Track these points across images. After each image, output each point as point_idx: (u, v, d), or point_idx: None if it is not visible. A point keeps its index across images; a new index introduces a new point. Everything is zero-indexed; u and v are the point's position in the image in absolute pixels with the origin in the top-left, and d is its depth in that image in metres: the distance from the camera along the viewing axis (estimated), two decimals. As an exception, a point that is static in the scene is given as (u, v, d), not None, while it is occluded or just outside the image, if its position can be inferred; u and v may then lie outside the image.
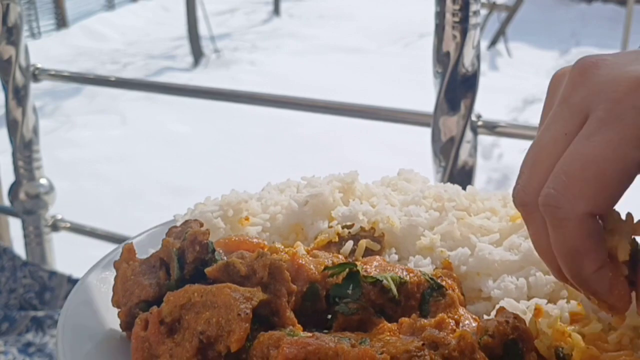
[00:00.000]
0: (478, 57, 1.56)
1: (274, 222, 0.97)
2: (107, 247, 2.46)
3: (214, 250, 0.78)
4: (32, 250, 2.38)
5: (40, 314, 1.91)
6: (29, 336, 1.85)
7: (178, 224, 0.88)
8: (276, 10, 13.29)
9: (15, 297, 2.03)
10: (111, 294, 0.82)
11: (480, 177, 5.53)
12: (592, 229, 0.66)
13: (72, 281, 2.02)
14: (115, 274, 0.82)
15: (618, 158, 0.63)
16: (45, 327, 1.87)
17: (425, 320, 0.70)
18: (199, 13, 9.89)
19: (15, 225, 2.64)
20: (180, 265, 0.77)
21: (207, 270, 0.75)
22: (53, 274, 2.06)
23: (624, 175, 0.63)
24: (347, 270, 0.75)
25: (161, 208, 5.37)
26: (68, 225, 2.42)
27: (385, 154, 6.23)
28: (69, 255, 2.79)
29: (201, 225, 0.83)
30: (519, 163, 0.79)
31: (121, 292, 0.79)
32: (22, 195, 2.31)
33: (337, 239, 0.90)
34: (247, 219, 0.97)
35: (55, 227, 2.40)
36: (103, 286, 0.88)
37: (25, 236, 2.38)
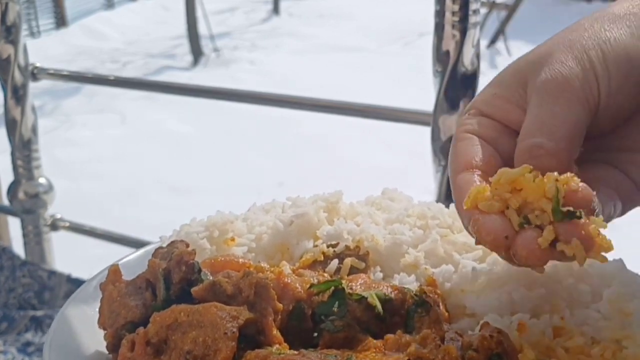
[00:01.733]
0: (478, 56, 1.56)
1: (260, 242, 0.97)
2: (107, 247, 2.46)
3: (200, 270, 0.78)
4: (31, 249, 2.38)
5: (39, 313, 1.91)
6: (28, 335, 1.85)
7: (164, 245, 0.88)
8: (276, 9, 13.29)
9: (15, 297, 2.03)
10: (97, 316, 0.81)
11: (479, 176, 5.51)
12: (462, 139, 0.79)
13: (71, 280, 2.02)
14: (101, 295, 0.82)
15: None
16: (45, 327, 1.87)
17: (410, 337, 0.70)
18: (199, 12, 9.90)
19: (14, 225, 2.64)
20: (166, 286, 0.77)
21: (194, 289, 0.75)
22: (52, 273, 2.06)
23: None
24: (332, 287, 0.76)
25: (160, 207, 5.38)
26: (67, 224, 2.42)
27: (385, 153, 6.23)
28: (68, 255, 2.78)
29: (187, 245, 0.83)
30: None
31: (107, 313, 0.79)
32: (21, 195, 2.30)
33: (322, 258, 0.91)
34: (232, 239, 0.97)
35: (54, 226, 2.40)
36: (90, 308, 0.87)
37: (25, 235, 2.38)
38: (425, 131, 1.66)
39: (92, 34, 11.93)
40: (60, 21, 12.61)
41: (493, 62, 9.24)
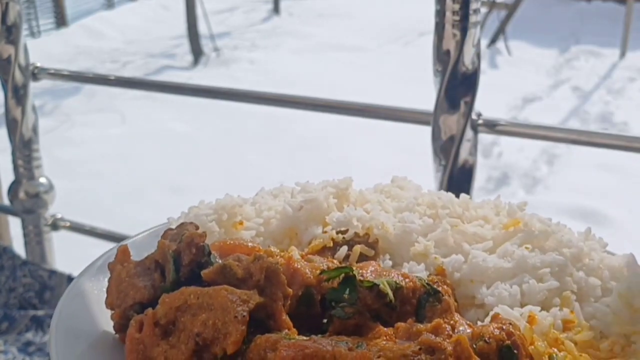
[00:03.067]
0: (478, 55, 1.56)
1: (268, 227, 0.97)
2: (107, 246, 2.45)
3: (210, 253, 0.77)
4: (32, 249, 2.38)
5: (40, 313, 1.91)
6: (29, 335, 1.85)
7: (172, 226, 0.87)
8: (276, 9, 13.28)
9: (15, 297, 2.03)
10: (105, 295, 0.81)
11: (480, 176, 5.53)
12: None
13: (71, 280, 2.02)
14: (109, 275, 0.82)
15: None
16: (45, 326, 1.87)
17: (422, 325, 0.70)
18: (199, 11, 9.89)
19: (15, 225, 2.64)
20: (175, 268, 0.76)
21: (204, 272, 0.74)
22: (53, 273, 2.06)
23: None
24: (343, 274, 0.75)
25: (161, 207, 5.37)
26: (68, 224, 2.42)
27: (385, 152, 6.23)
28: (68, 254, 2.78)
29: (197, 227, 0.82)
30: (518, 161, 0.79)
31: (115, 293, 0.79)
32: (21, 195, 2.30)
33: (331, 244, 0.90)
34: (241, 223, 0.97)
35: (54, 226, 2.39)
36: (96, 288, 0.87)
37: (25, 235, 2.38)
38: (426, 130, 1.66)
39: (92, 34, 11.92)
40: (61, 21, 12.60)
41: (493, 62, 9.23)
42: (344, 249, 0.89)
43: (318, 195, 0.98)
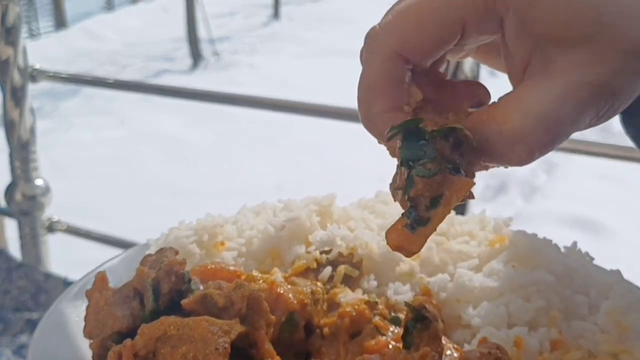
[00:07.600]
0: (478, 63, 1.56)
1: (250, 247, 0.94)
2: (103, 249, 2.44)
3: (190, 280, 0.76)
4: (28, 251, 2.37)
5: (35, 315, 1.90)
6: (24, 338, 1.84)
7: (152, 248, 0.85)
8: (276, 14, 13.30)
9: (10, 299, 2.02)
10: (83, 323, 0.78)
11: (478, 184, 5.50)
12: (394, 70, 0.66)
13: (67, 283, 2.01)
14: (87, 302, 0.79)
15: (440, 9, 0.63)
16: (40, 330, 1.86)
17: (409, 354, 0.69)
18: (199, 15, 9.90)
19: (11, 227, 2.63)
20: (155, 296, 0.75)
21: (184, 302, 0.73)
22: (48, 276, 2.05)
23: (440, 28, 0.64)
24: (408, 127, 0.65)
25: (158, 210, 5.37)
26: (64, 227, 2.41)
27: (384, 158, 6.22)
28: (64, 257, 2.77)
29: (176, 253, 0.80)
30: (517, 170, 0.78)
31: (93, 322, 0.76)
32: (18, 196, 2.30)
33: (315, 266, 0.89)
34: (222, 243, 0.94)
35: (51, 228, 2.39)
36: (75, 315, 0.85)
37: (21, 237, 2.37)
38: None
39: (92, 36, 11.93)
40: (60, 23, 12.62)
41: (492, 70, 9.24)
42: (327, 270, 0.87)
43: (300, 213, 0.96)
